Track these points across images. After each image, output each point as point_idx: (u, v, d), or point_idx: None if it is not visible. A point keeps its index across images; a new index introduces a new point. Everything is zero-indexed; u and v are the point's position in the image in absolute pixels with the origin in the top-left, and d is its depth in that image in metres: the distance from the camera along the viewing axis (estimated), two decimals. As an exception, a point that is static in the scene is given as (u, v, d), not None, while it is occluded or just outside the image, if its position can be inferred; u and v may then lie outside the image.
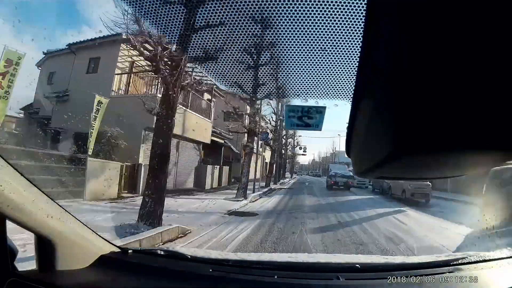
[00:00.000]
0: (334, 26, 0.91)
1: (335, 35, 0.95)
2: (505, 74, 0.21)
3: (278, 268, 1.19)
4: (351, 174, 16.47)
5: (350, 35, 0.94)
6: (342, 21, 0.89)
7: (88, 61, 11.26)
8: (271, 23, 1.06)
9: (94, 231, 1.08)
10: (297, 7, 0.92)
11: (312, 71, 1.16)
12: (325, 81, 1.18)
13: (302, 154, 39.44)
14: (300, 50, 1.09)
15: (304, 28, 0.97)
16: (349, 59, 1.04)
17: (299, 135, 31.24)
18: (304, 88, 1.27)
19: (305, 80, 1.21)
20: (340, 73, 1.11)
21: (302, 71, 1.18)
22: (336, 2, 0.84)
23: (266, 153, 24.19)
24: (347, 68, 1.08)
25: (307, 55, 1.09)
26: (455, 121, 0.24)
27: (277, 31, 1.09)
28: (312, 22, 0.93)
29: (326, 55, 1.05)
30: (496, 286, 1.08)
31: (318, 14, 0.89)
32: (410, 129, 0.27)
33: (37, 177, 5.79)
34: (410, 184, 11.04)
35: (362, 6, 0.83)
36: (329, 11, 0.87)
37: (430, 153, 0.28)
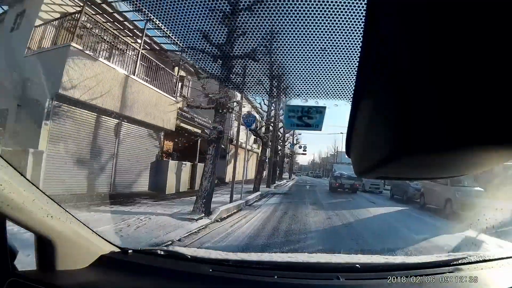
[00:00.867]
0: (334, 26, 0.91)
1: (335, 35, 0.95)
2: (505, 74, 0.21)
3: (278, 268, 1.19)
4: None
5: (350, 35, 0.94)
6: (342, 21, 0.89)
7: (15, 16, 8.24)
8: (271, 23, 1.06)
9: (94, 231, 1.08)
10: (297, 7, 0.92)
11: (312, 71, 1.16)
12: (325, 81, 1.18)
13: (302, 154, 35.66)
14: (300, 50, 1.09)
15: (304, 28, 0.97)
16: (349, 59, 1.04)
17: (299, 133, 27.71)
18: (304, 88, 1.27)
19: (305, 80, 1.21)
20: (340, 73, 1.11)
21: (302, 71, 1.18)
22: (336, 2, 0.84)
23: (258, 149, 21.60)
24: (347, 68, 1.08)
25: (307, 55, 1.09)
26: (455, 121, 0.24)
27: (277, 31, 1.09)
28: (312, 22, 0.93)
29: (326, 55, 1.05)
30: (496, 286, 1.08)
31: (318, 14, 0.89)
32: (410, 129, 0.27)
33: None
34: (458, 191, 8.23)
35: (362, 6, 0.83)
36: (329, 11, 0.87)
37: (430, 153, 0.28)
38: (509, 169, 6.86)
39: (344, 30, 0.92)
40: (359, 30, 0.90)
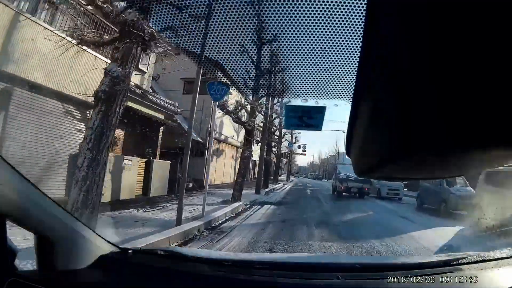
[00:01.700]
0: (334, 26, 0.91)
1: (335, 35, 0.95)
2: (505, 73, 0.21)
3: (278, 268, 1.19)
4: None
5: (350, 35, 0.94)
6: (342, 21, 0.89)
7: None
8: (272, 23, 1.06)
9: (94, 231, 1.08)
10: (297, 7, 0.92)
11: (312, 71, 1.16)
12: (325, 81, 1.18)
13: (302, 154, 31.82)
14: (300, 50, 1.09)
15: (304, 28, 0.97)
16: (349, 59, 1.04)
17: (298, 132, 24.20)
18: (304, 88, 1.27)
19: (305, 80, 1.21)
20: (340, 73, 1.11)
21: (302, 71, 1.18)
22: (336, 2, 0.84)
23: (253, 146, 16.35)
24: (347, 68, 1.08)
25: (307, 55, 1.09)
26: (455, 121, 0.24)
27: (277, 31, 1.09)
28: (312, 22, 0.93)
29: (326, 55, 1.05)
30: (496, 286, 1.08)
31: (318, 14, 0.89)
32: (410, 129, 0.27)
33: None
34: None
35: (362, 6, 0.83)
36: (329, 11, 0.87)
37: (430, 153, 0.28)
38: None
39: (344, 30, 0.92)
40: (359, 30, 0.90)
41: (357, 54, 1.00)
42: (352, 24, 0.89)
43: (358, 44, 0.96)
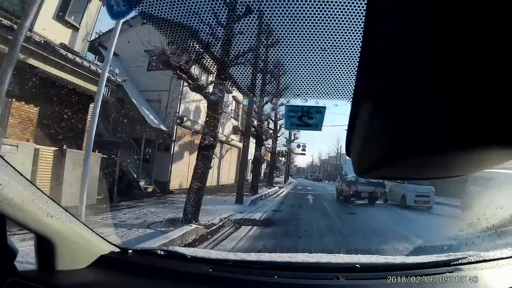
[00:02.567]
0: (334, 26, 0.91)
1: (335, 35, 0.95)
2: (505, 73, 0.21)
3: (278, 268, 1.19)
4: (379, 180, 9.66)
5: (350, 35, 0.94)
6: (342, 21, 0.89)
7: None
8: (271, 23, 1.06)
9: (94, 231, 1.08)
10: (297, 7, 0.92)
11: (312, 71, 1.16)
12: (325, 81, 1.18)
13: (301, 154, 28.45)
14: (300, 50, 1.09)
15: (304, 28, 0.97)
16: (349, 59, 1.04)
17: (297, 131, 20.52)
18: (304, 88, 1.27)
19: (305, 80, 1.21)
20: (340, 73, 1.11)
21: (302, 71, 1.18)
22: (336, 2, 0.84)
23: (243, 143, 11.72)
24: (347, 68, 1.08)
25: (307, 55, 1.09)
26: (455, 121, 0.24)
27: (277, 31, 1.09)
28: (312, 22, 0.93)
29: (326, 55, 1.05)
30: (496, 286, 1.08)
31: (318, 14, 0.89)
32: (410, 129, 0.27)
33: None
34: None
35: (362, 6, 0.83)
36: (329, 11, 0.87)
37: (430, 153, 0.28)
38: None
39: (344, 30, 0.92)
40: (359, 30, 0.90)
41: (357, 54, 1.00)
42: (352, 24, 0.89)
43: (358, 44, 0.96)
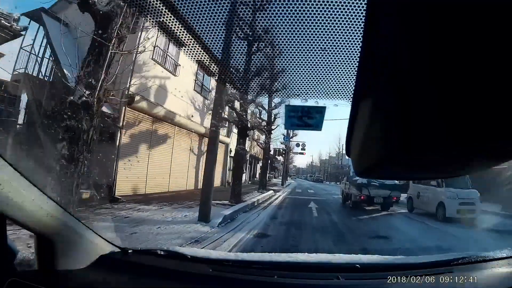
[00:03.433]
0: (334, 26, 0.91)
1: (335, 35, 0.95)
2: (505, 73, 0.21)
3: (278, 268, 1.19)
4: (396, 182, 8.55)
5: (350, 35, 0.94)
6: (342, 21, 0.89)
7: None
8: (272, 24, 1.06)
9: (94, 231, 1.08)
10: (297, 7, 0.92)
11: (312, 71, 1.16)
12: (325, 81, 1.18)
13: (300, 153, 26.17)
14: (300, 50, 1.09)
15: (304, 28, 0.97)
16: (349, 59, 1.04)
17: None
18: (304, 88, 1.27)
19: (305, 80, 1.21)
20: (340, 73, 1.11)
21: (302, 71, 1.18)
22: (336, 2, 0.84)
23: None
24: (347, 68, 1.08)
25: (307, 55, 1.09)
26: (455, 121, 0.24)
27: (277, 32, 1.09)
28: (312, 22, 0.93)
29: (326, 55, 1.05)
30: (496, 286, 1.08)
31: (318, 14, 0.89)
32: (410, 129, 0.27)
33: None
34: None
35: (362, 6, 0.83)
36: (329, 11, 0.87)
37: (430, 153, 0.28)
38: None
39: (344, 30, 0.92)
40: (359, 30, 0.90)
41: (357, 54, 1.00)
42: (352, 24, 0.89)
43: (358, 44, 0.96)
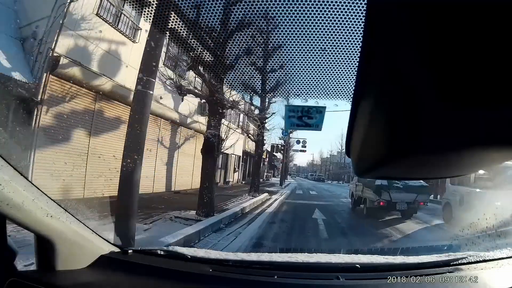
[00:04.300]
0: (334, 27, 0.92)
1: (335, 35, 0.95)
2: (505, 73, 0.21)
3: (278, 268, 1.19)
4: (423, 183, 7.16)
5: (350, 35, 0.94)
6: (342, 21, 0.89)
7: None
8: (272, 24, 1.06)
9: (94, 231, 1.08)
10: (297, 8, 0.92)
11: (312, 71, 1.16)
12: (325, 81, 1.18)
13: (301, 151, 24.17)
14: (300, 50, 1.09)
15: (304, 28, 0.97)
16: (349, 59, 1.04)
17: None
18: (304, 88, 1.27)
19: (305, 80, 1.21)
20: (340, 73, 1.12)
21: (302, 71, 1.18)
22: (336, 2, 0.84)
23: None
24: (347, 68, 1.08)
25: (307, 55, 1.09)
26: (456, 121, 0.24)
27: (277, 32, 1.09)
28: (312, 23, 0.93)
29: (326, 55, 1.05)
30: (496, 286, 1.08)
31: (318, 14, 0.89)
32: (410, 128, 0.27)
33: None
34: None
35: (362, 6, 0.83)
36: (329, 12, 0.87)
37: (431, 153, 0.28)
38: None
39: (344, 30, 0.92)
40: (359, 30, 0.90)
41: (357, 54, 1.00)
42: (352, 24, 0.89)
43: (358, 44, 0.96)
